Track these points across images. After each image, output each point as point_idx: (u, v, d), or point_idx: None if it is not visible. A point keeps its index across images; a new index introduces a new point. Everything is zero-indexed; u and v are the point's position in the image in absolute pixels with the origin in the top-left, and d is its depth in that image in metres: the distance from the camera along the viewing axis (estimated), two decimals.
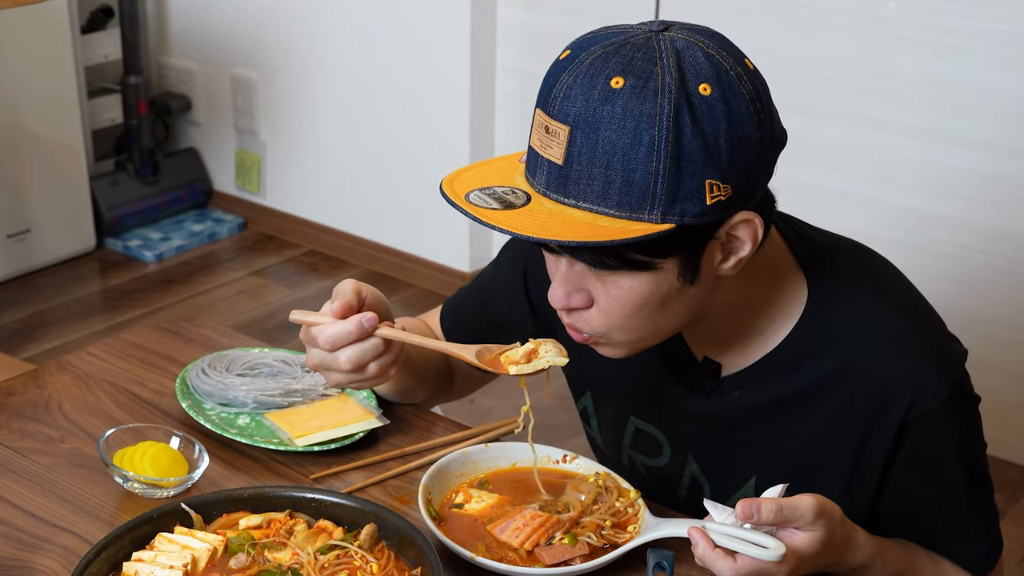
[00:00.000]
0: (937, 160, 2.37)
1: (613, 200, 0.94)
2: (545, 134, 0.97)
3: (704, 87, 0.94)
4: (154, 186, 3.37)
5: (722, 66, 0.95)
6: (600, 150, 0.94)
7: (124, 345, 1.41)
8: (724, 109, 0.94)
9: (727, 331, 1.10)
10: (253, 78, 3.29)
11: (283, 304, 3.06)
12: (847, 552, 1.03)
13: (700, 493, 1.18)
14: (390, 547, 1.06)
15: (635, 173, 0.93)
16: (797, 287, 1.09)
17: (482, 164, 1.05)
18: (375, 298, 1.15)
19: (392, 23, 2.97)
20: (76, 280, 3.14)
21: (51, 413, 1.29)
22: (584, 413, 1.27)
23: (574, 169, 0.95)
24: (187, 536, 1.05)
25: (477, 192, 0.99)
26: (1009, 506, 2.33)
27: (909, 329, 1.07)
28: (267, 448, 1.22)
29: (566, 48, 1.00)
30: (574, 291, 1.02)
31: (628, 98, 0.93)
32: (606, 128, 0.93)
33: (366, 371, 1.11)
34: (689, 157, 0.93)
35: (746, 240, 1.00)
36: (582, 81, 0.95)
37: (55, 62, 3.05)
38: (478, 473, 1.17)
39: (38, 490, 1.17)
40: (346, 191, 3.23)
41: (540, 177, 0.98)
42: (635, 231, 0.94)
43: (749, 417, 1.12)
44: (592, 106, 0.94)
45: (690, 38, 0.97)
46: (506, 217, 0.96)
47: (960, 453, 1.10)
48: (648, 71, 0.94)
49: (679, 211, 0.94)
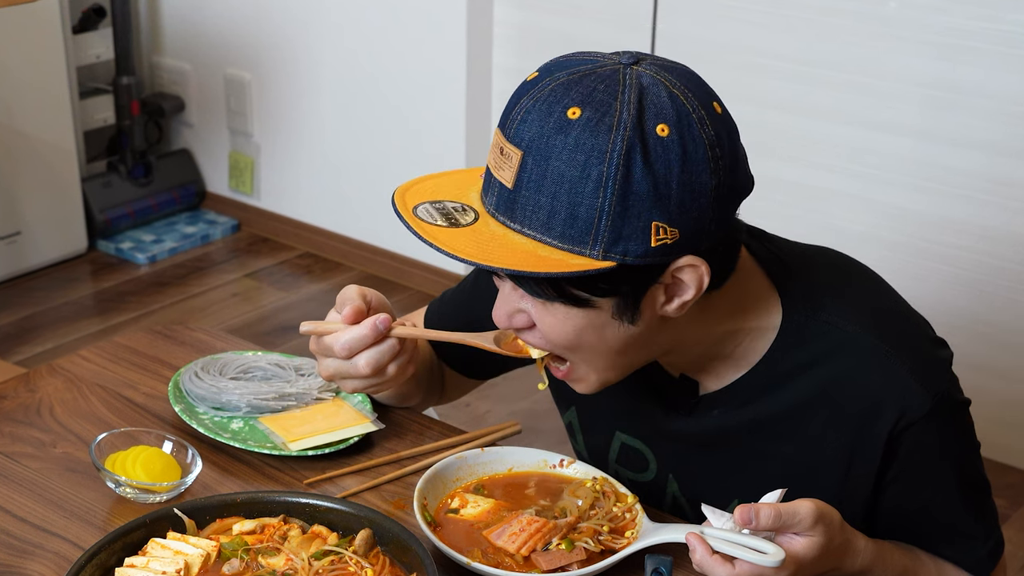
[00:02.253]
0: (938, 161, 2.37)
1: (556, 231, 0.94)
2: (499, 155, 0.97)
3: (662, 128, 0.93)
4: (146, 188, 3.36)
5: (684, 108, 0.94)
6: (549, 179, 0.93)
7: (116, 348, 1.41)
8: (679, 152, 0.93)
9: (698, 356, 1.09)
10: (247, 78, 3.28)
11: (277, 307, 3.05)
12: (846, 557, 1.03)
13: (682, 514, 1.18)
14: (385, 553, 1.05)
15: (580, 207, 0.93)
16: (771, 309, 1.08)
17: (443, 175, 1.05)
18: (379, 301, 1.15)
19: (387, 23, 2.96)
20: (68, 283, 3.13)
21: (42, 417, 1.29)
22: (570, 428, 1.27)
23: (522, 194, 0.95)
24: (180, 542, 1.05)
25: (427, 205, 0.99)
26: (1011, 511, 2.32)
27: (890, 343, 1.06)
28: (261, 452, 1.21)
29: (535, 71, 0.99)
30: (515, 312, 1.03)
31: (582, 130, 0.93)
32: (557, 158, 0.93)
33: (386, 373, 1.11)
34: (637, 197, 0.92)
35: (690, 285, 0.98)
36: (540, 107, 0.95)
37: (46, 62, 3.04)
38: (474, 478, 1.17)
39: (29, 495, 1.16)
40: (341, 192, 3.22)
41: (491, 197, 0.98)
42: (573, 265, 0.94)
43: (730, 438, 1.12)
44: (546, 134, 0.94)
45: (658, 75, 0.95)
46: (448, 236, 0.96)
47: (952, 460, 1.10)
48: (607, 105, 0.93)
49: (621, 250, 0.94)
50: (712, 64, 2.55)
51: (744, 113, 2.40)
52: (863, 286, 1.12)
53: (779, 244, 1.12)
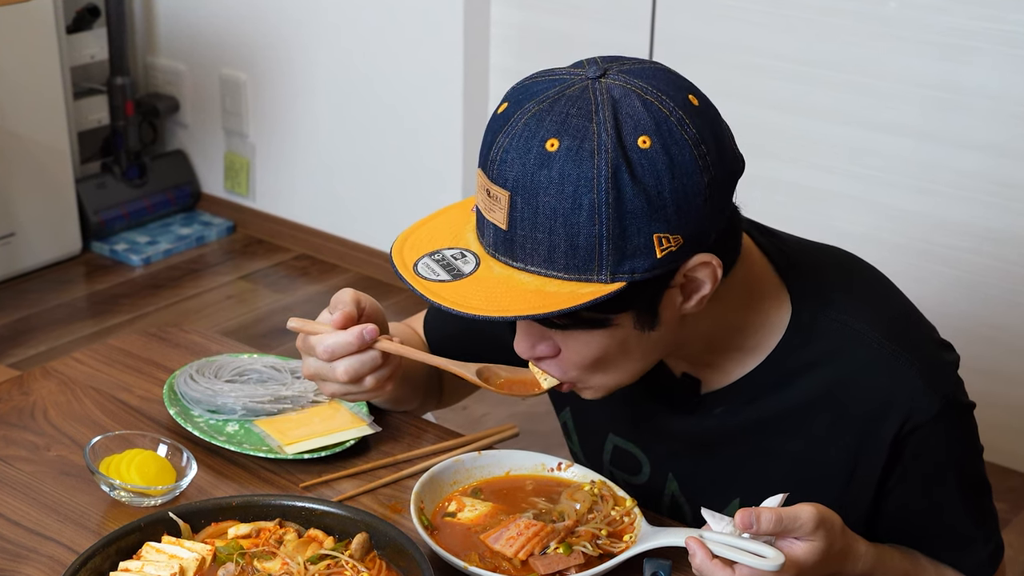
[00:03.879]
0: (940, 163, 2.36)
1: (560, 264, 0.93)
2: (487, 197, 0.96)
3: (643, 140, 0.92)
4: (141, 189, 3.35)
5: (661, 114, 0.93)
6: (541, 216, 0.92)
7: (111, 351, 1.40)
8: (666, 160, 0.92)
9: (704, 352, 1.09)
10: (242, 79, 3.27)
11: (272, 309, 3.04)
12: (847, 562, 1.02)
13: (680, 513, 1.17)
14: (381, 557, 1.05)
15: (578, 237, 0.92)
16: (779, 304, 1.07)
17: (435, 218, 1.04)
18: (373, 309, 1.14)
19: (384, 23, 2.95)
20: (62, 285, 3.12)
21: (36, 420, 1.28)
22: (565, 428, 1.26)
23: (518, 234, 0.94)
24: (175, 546, 1.04)
25: (427, 260, 0.98)
26: (1013, 515, 2.31)
27: (898, 344, 1.05)
28: (256, 456, 1.21)
29: (503, 100, 0.98)
30: (538, 342, 1.02)
31: (564, 161, 0.91)
32: (544, 193, 0.92)
33: (363, 383, 1.10)
34: (632, 215, 0.92)
35: (706, 280, 0.98)
36: (517, 144, 0.93)
37: (40, 62, 3.03)
38: (471, 481, 1.16)
39: (23, 499, 1.16)
40: (337, 194, 3.21)
41: (487, 238, 0.97)
42: (584, 295, 0.93)
43: (733, 436, 1.11)
44: (529, 171, 0.92)
45: (627, 84, 0.94)
46: (452, 291, 0.95)
47: (956, 463, 1.09)
48: (583, 129, 0.92)
49: (628, 268, 0.93)
50: (711, 64, 2.55)
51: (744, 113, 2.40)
52: (871, 286, 1.11)
53: (787, 240, 1.12)
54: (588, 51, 3.36)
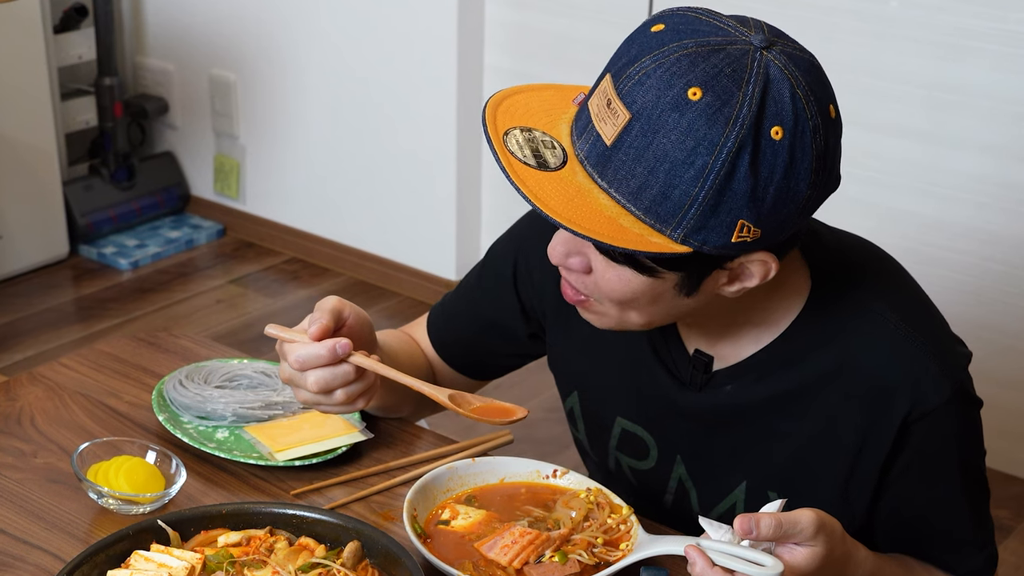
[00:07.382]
0: (940, 164, 2.36)
1: (644, 204, 0.93)
2: (606, 107, 0.94)
3: (776, 130, 0.91)
4: (129, 191, 3.33)
5: (803, 113, 0.92)
6: (651, 152, 0.91)
7: (98, 356, 1.39)
8: (786, 159, 0.92)
9: (721, 324, 1.09)
10: (232, 79, 3.25)
11: (263, 313, 3.02)
12: (847, 569, 1.02)
13: (687, 499, 1.17)
14: (374, 565, 1.04)
15: (675, 189, 0.92)
16: (799, 282, 1.08)
17: (535, 90, 1.01)
18: (357, 319, 1.13)
19: (376, 22, 2.94)
20: (49, 289, 3.09)
21: (23, 426, 1.27)
22: (571, 414, 1.25)
23: (619, 156, 0.93)
24: (164, 554, 1.03)
25: (517, 133, 0.96)
26: (1015, 523, 2.30)
27: (913, 328, 1.06)
28: (246, 463, 1.20)
29: (660, 20, 0.95)
30: (574, 253, 1.01)
31: (699, 115, 0.90)
32: (665, 135, 0.91)
33: (332, 396, 1.09)
34: (733, 194, 0.92)
35: (756, 274, 0.99)
36: (661, 75, 0.91)
37: (27, 63, 3.01)
38: (465, 488, 1.15)
39: (9, 506, 1.15)
40: (328, 196, 3.20)
41: (584, 144, 0.95)
42: (652, 245, 0.93)
43: (742, 414, 1.10)
44: (661, 106, 0.91)
45: (786, 69, 0.93)
46: (536, 181, 0.94)
47: (961, 457, 1.09)
48: (729, 93, 0.91)
49: (702, 239, 0.94)
50: None
51: None
52: (892, 274, 1.12)
53: (813, 223, 1.12)
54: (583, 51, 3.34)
